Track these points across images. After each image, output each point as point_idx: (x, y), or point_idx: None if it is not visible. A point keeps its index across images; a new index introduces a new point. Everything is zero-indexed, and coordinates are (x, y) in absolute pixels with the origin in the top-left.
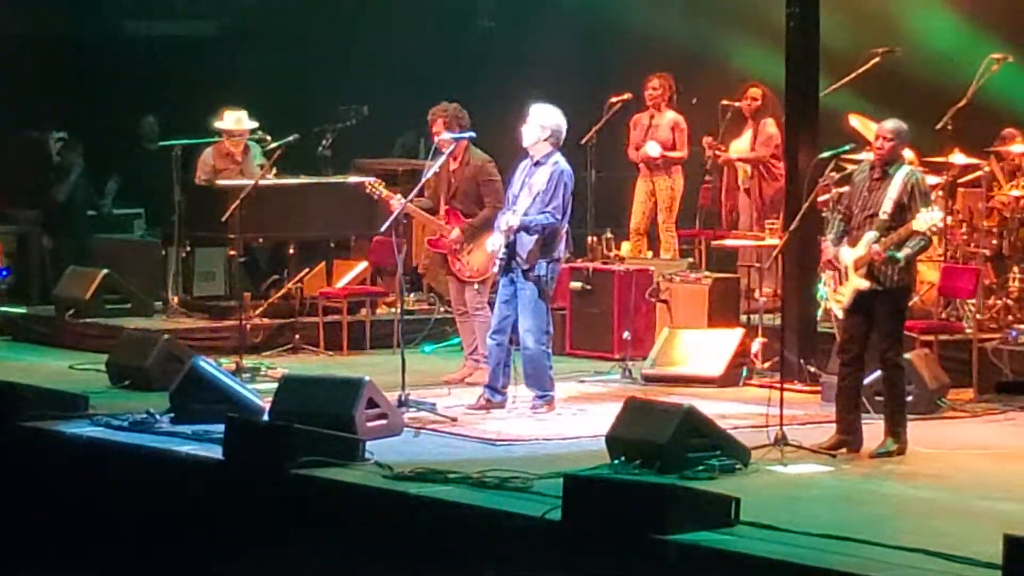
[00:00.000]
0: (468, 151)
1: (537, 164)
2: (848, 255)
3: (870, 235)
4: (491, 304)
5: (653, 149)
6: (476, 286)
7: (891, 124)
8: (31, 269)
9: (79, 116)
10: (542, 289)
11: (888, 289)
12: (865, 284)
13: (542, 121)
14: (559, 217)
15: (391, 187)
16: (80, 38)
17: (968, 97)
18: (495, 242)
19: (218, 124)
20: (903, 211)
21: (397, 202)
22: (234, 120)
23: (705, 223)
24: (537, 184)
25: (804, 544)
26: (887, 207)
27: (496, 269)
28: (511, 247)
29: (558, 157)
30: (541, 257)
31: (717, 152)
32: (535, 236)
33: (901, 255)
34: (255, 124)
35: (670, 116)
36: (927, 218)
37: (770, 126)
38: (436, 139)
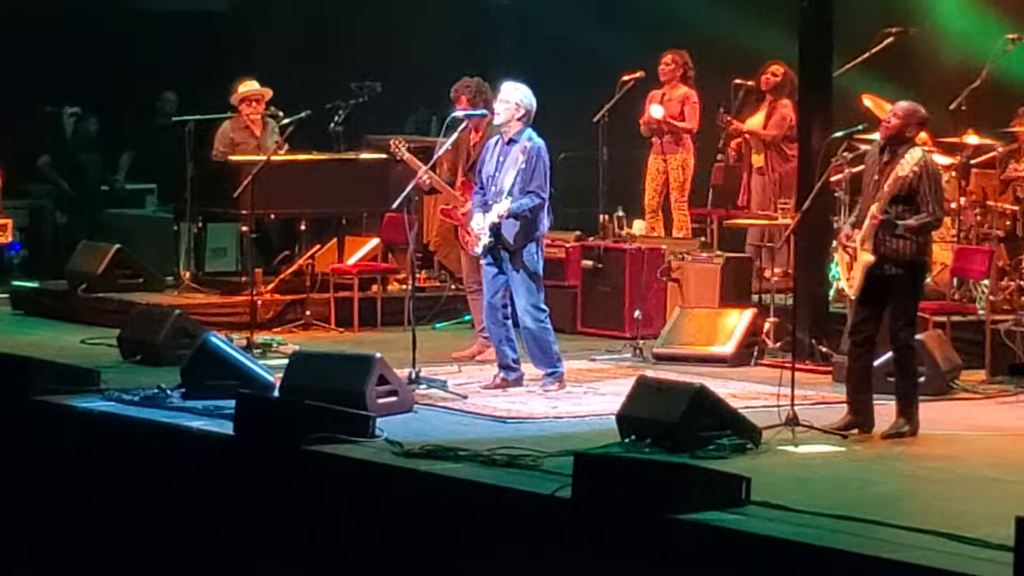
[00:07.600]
0: (490, 125)
1: (510, 142)
2: (859, 234)
3: (873, 208)
4: None
5: (656, 111)
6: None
7: (905, 104)
8: (44, 244)
9: (92, 91)
10: (532, 269)
11: (902, 266)
12: (870, 257)
13: (515, 99)
14: (544, 196)
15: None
16: (91, 13)
17: (982, 77)
18: (479, 222)
19: (236, 94)
20: (910, 190)
21: (419, 167)
22: (248, 85)
23: (716, 202)
24: (515, 163)
25: (814, 524)
26: (891, 182)
27: (479, 251)
28: (496, 230)
29: (530, 133)
30: (527, 240)
31: (728, 120)
32: (521, 219)
33: (902, 224)
34: (269, 91)
35: (683, 90)
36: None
37: (785, 107)
38: (449, 116)
